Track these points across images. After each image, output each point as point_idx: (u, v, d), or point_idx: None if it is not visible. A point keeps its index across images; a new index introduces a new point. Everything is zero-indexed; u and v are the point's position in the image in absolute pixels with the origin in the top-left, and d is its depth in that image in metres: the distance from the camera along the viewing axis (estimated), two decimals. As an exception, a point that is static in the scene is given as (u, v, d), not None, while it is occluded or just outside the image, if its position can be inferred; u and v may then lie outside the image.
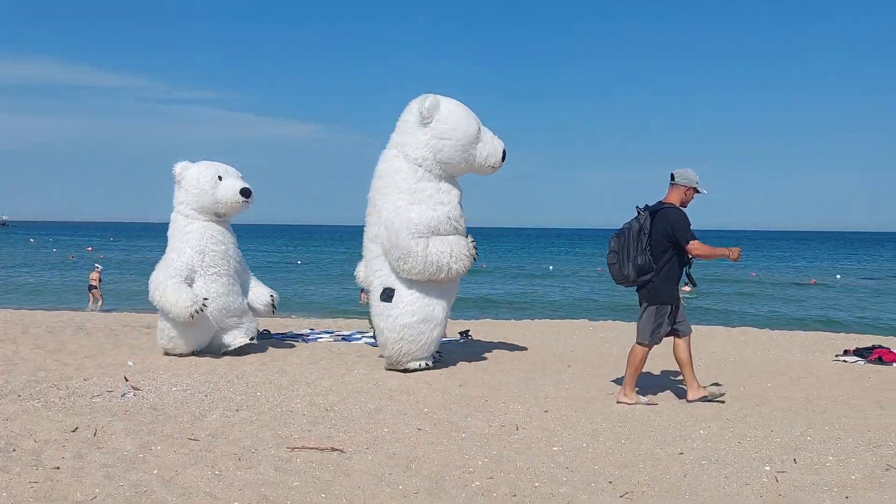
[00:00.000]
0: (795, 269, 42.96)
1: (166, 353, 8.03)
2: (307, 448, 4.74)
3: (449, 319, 13.14)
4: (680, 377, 6.76)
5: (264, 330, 9.90)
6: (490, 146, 7.55)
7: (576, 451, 4.77)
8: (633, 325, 13.33)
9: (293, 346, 9.04)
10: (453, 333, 10.69)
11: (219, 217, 8.29)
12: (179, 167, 8.30)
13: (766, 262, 49.46)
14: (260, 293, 8.60)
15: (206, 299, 7.77)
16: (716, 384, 6.81)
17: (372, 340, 9.35)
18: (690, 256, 6.08)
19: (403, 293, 7.27)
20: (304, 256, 50.46)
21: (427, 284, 7.27)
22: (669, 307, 6.06)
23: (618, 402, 6.10)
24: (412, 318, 7.22)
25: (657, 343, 6.15)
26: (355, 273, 8.24)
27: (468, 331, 10.57)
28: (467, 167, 7.54)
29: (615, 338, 10.88)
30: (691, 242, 5.91)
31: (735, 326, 13.67)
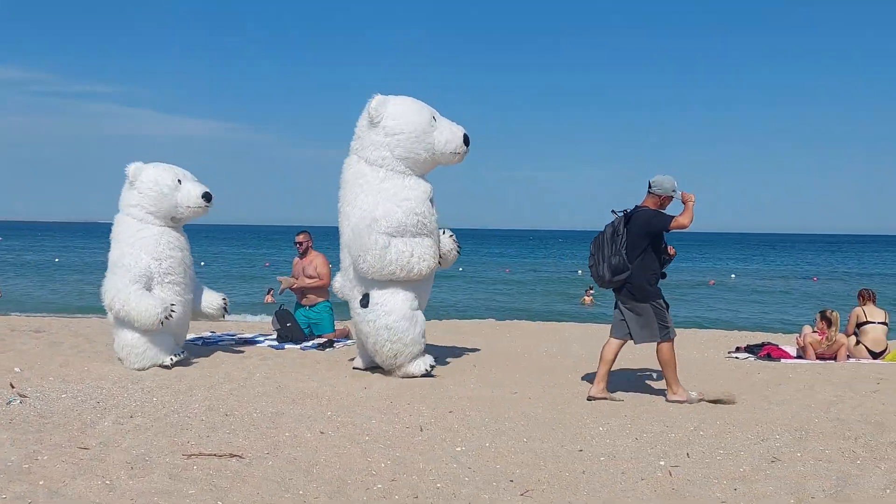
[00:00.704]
0: (699, 270, 44.62)
1: (134, 368, 7.43)
2: (204, 455, 4.60)
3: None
4: (592, 374, 6.92)
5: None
6: (448, 132, 7.47)
7: (479, 450, 4.80)
8: (538, 324, 13.61)
9: (193, 349, 8.78)
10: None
11: (174, 221, 7.83)
12: (133, 168, 7.73)
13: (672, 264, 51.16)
14: (211, 298, 8.28)
15: (173, 304, 7.41)
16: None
17: (275, 343, 9.19)
18: (670, 254, 6.45)
19: (376, 295, 7.16)
20: (206, 257, 49.19)
21: (397, 284, 7.18)
22: (662, 300, 6.30)
23: (668, 401, 6.27)
24: (389, 317, 7.11)
25: (674, 335, 6.36)
26: (332, 285, 8.03)
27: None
28: (431, 158, 7.45)
29: (521, 337, 11.05)
30: (675, 220, 6.15)
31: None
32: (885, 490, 4.06)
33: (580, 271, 39.22)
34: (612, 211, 6.41)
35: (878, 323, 9.20)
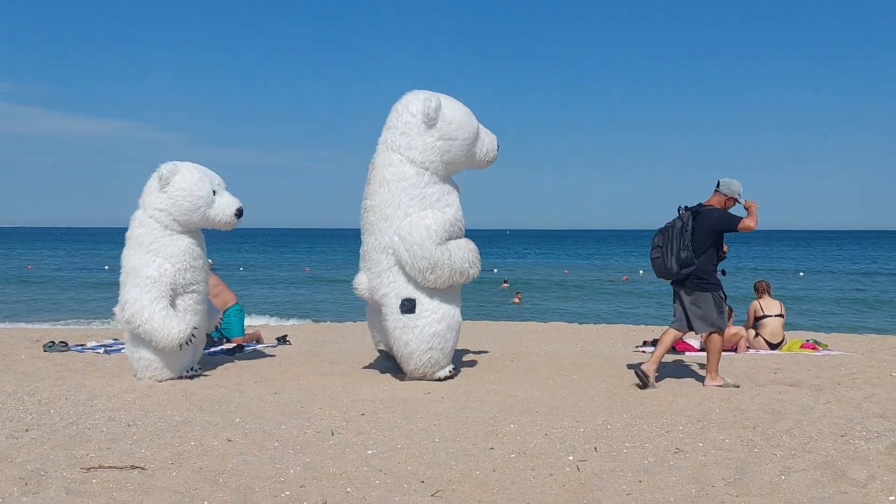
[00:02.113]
0: (612, 266, 45.68)
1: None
2: (104, 467, 4.42)
3: (268, 325, 12.81)
4: (509, 371, 6.95)
5: (61, 342, 9.19)
6: (488, 140, 7.45)
7: (390, 452, 4.77)
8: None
9: (96, 358, 8.46)
10: (270, 339, 10.45)
11: (197, 228, 7.40)
12: (167, 169, 7.16)
13: (582, 260, 52.26)
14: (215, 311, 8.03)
15: (195, 328, 7.10)
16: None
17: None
18: (724, 252, 6.86)
19: (426, 302, 6.97)
20: (110, 261, 47.53)
21: (446, 291, 7.06)
22: (722, 291, 6.73)
23: (705, 385, 6.71)
24: (439, 325, 6.97)
25: (725, 325, 6.80)
26: (354, 284, 7.41)
27: (286, 336, 10.36)
28: (467, 163, 7.39)
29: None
30: (742, 222, 6.60)
31: (548, 322, 14.33)
32: (780, 476, 4.23)
33: (495, 269, 39.87)
34: (680, 207, 6.84)
35: (775, 315, 9.62)
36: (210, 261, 9.82)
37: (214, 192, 7.30)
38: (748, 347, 9.36)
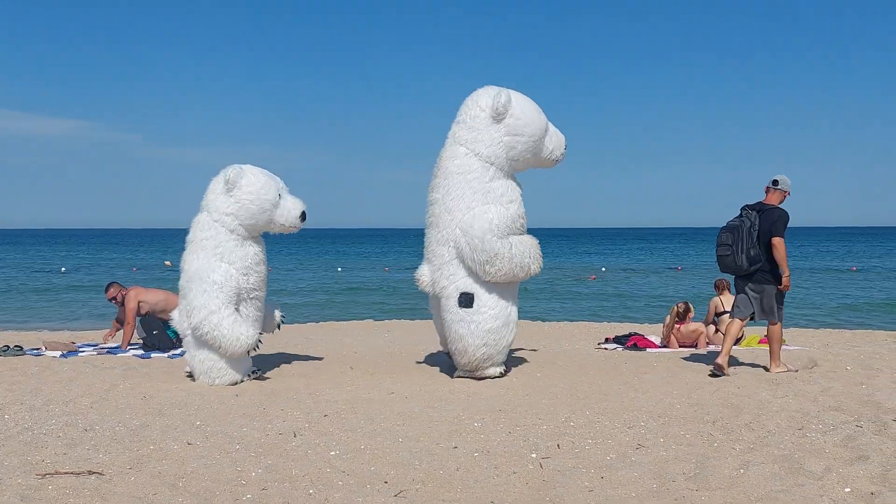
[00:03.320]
0: (582, 263, 45.97)
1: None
2: (61, 473, 4.33)
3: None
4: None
5: (16, 346, 8.99)
6: (556, 139, 7.39)
7: (354, 453, 4.75)
8: (417, 322, 13.61)
9: (52, 362, 8.29)
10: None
11: (260, 232, 7.33)
12: (233, 172, 7.01)
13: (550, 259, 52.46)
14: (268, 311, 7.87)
15: (261, 333, 7.06)
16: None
17: (141, 352, 8.79)
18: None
19: (485, 297, 6.95)
20: (68, 263, 46.66)
21: (505, 286, 7.04)
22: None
23: (768, 371, 7.24)
24: (495, 322, 6.95)
25: (782, 318, 7.27)
26: (416, 276, 7.41)
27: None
28: (534, 161, 7.34)
29: (400, 337, 11.05)
30: (777, 238, 7.01)
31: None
32: (739, 470, 4.29)
33: None
34: (745, 206, 7.26)
35: (735, 311, 9.76)
36: (167, 262, 9.63)
37: (280, 195, 7.25)
38: (708, 343, 9.48)
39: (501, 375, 7.21)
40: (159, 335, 9.01)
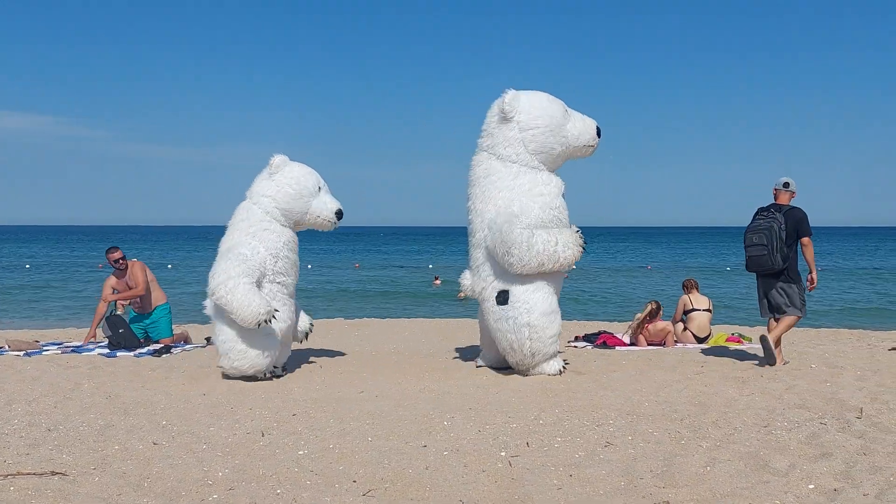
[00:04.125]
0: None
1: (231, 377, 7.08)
2: (23, 474, 4.25)
3: (196, 325, 12.52)
4: (445, 367, 6.92)
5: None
6: (581, 124, 7.41)
7: (322, 452, 4.72)
8: (387, 322, 13.59)
9: (15, 360, 8.13)
10: (199, 339, 10.23)
11: (293, 226, 7.42)
12: (279, 159, 7.31)
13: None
14: (303, 317, 7.89)
15: (277, 311, 6.96)
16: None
17: (107, 351, 8.67)
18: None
19: (517, 292, 7.02)
20: (31, 260, 45.92)
21: (537, 278, 7.05)
22: (801, 283, 7.60)
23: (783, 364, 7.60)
24: (531, 314, 6.98)
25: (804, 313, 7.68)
26: (460, 281, 7.69)
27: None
28: (565, 152, 7.36)
29: (370, 335, 11.01)
30: (807, 238, 7.50)
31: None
32: (705, 467, 4.33)
33: (430, 265, 39.99)
34: (771, 207, 7.59)
35: (703, 310, 9.85)
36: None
37: (320, 188, 7.46)
38: (676, 342, 9.57)
39: (561, 372, 7.27)
40: (125, 334, 8.89)
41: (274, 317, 6.93)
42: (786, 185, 7.70)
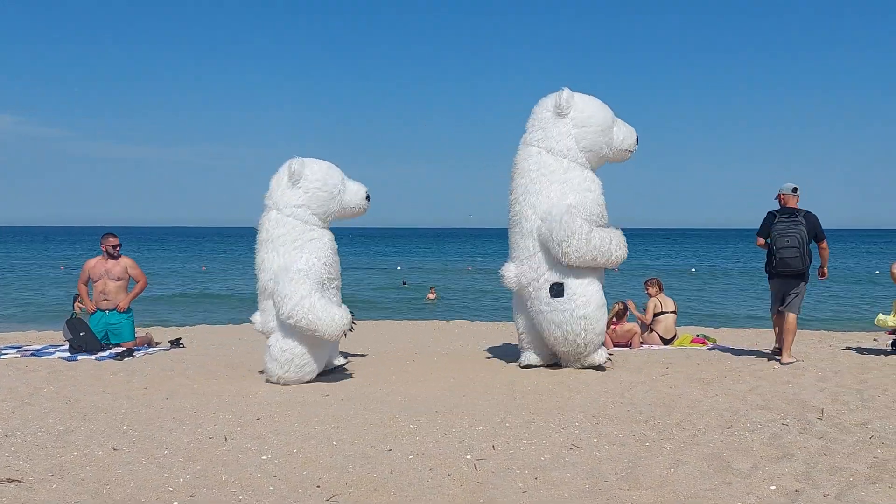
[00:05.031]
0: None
1: (284, 383, 6.96)
2: (-23, 482, 4.15)
3: (159, 328, 12.34)
4: (406, 371, 6.90)
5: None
6: (625, 129, 7.73)
7: (286, 457, 4.66)
8: (358, 324, 13.49)
9: (-29, 365, 7.94)
10: (163, 342, 10.09)
11: (334, 220, 7.40)
12: (296, 164, 7.10)
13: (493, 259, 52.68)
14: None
15: (352, 312, 6.92)
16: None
17: (67, 355, 8.51)
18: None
19: (574, 284, 7.18)
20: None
21: (591, 272, 7.21)
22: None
23: (782, 364, 7.70)
24: (588, 307, 7.16)
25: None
26: (501, 273, 7.65)
27: (180, 339, 10.01)
28: (608, 153, 7.61)
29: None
30: (825, 241, 7.96)
31: (451, 320, 14.37)
32: (669, 469, 4.35)
33: (398, 267, 39.96)
34: (777, 212, 7.87)
35: (670, 312, 9.95)
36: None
37: (342, 179, 7.43)
38: (642, 343, 9.64)
39: (603, 366, 7.47)
40: (87, 337, 8.73)
41: (354, 322, 6.97)
42: (794, 189, 7.99)
